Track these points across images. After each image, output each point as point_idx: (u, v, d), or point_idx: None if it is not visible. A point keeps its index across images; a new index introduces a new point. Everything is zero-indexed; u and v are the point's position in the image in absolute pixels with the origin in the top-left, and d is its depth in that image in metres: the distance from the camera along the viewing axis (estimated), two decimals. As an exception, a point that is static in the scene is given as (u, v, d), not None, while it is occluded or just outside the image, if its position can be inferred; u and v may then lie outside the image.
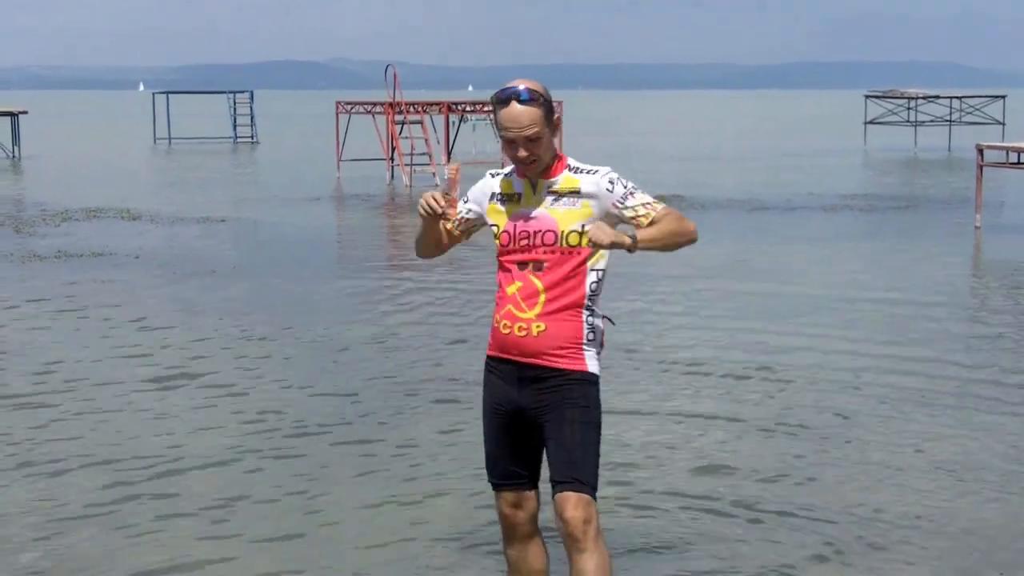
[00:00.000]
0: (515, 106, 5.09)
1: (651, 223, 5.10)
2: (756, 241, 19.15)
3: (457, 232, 5.45)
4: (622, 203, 5.12)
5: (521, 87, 5.11)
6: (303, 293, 14.24)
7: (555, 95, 5.18)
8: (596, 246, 4.93)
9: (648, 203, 5.12)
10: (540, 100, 5.11)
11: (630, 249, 4.98)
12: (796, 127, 72.00)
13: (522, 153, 5.11)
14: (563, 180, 5.20)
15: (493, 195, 5.34)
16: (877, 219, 22.61)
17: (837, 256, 17.51)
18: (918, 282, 15.04)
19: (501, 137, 5.16)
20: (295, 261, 17.03)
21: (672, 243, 5.08)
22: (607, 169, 5.22)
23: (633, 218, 5.13)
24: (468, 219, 5.40)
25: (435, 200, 5.16)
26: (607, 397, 5.76)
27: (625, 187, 5.15)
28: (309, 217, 23.30)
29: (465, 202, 5.39)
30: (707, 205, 24.59)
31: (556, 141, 5.35)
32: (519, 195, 5.27)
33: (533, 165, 5.16)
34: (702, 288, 14.50)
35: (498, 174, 5.40)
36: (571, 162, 5.26)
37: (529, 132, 5.08)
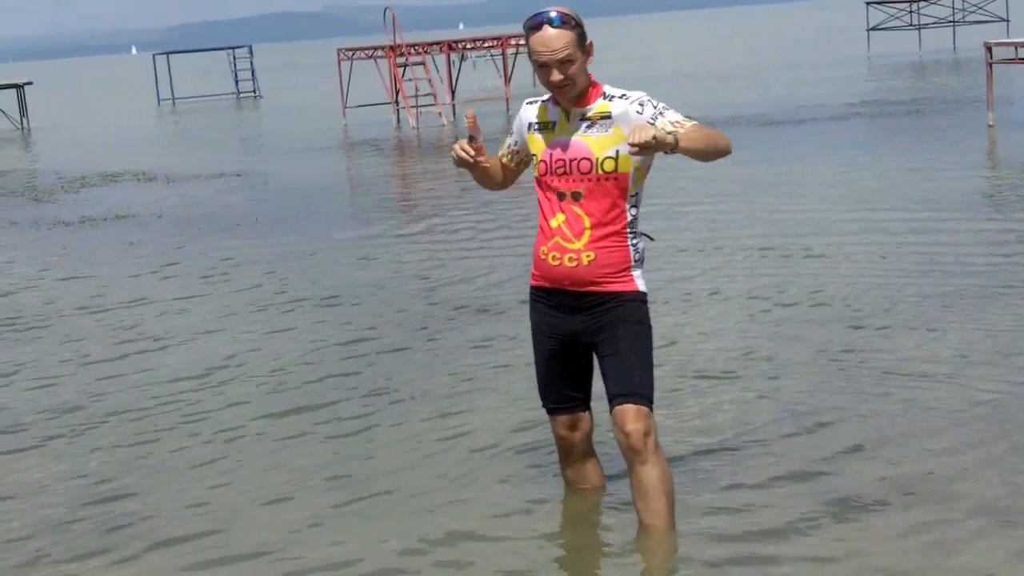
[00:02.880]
0: (547, 30, 5.11)
1: None
2: (771, 156, 19.20)
3: (513, 165, 5.54)
4: (652, 123, 5.09)
5: (553, 12, 5.14)
6: (327, 240, 14.35)
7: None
8: (641, 148, 4.86)
9: (678, 121, 5.12)
10: (572, 23, 5.14)
11: (671, 149, 4.93)
12: (798, 39, 71.54)
13: (556, 77, 5.14)
14: (597, 106, 5.25)
15: (530, 124, 5.41)
16: (888, 124, 22.61)
17: (851, 164, 17.56)
18: (936, 183, 15.10)
19: (534, 62, 5.21)
20: (314, 210, 17.13)
21: (711, 150, 5.06)
22: (640, 93, 5.25)
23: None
24: (518, 151, 5.50)
25: (463, 150, 5.28)
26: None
27: (655, 107, 5.16)
28: (321, 166, 23.39)
29: (511, 135, 5.51)
30: (715, 123, 24.60)
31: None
32: (554, 123, 5.32)
33: (566, 89, 5.19)
34: (721, 207, 14.63)
35: (534, 101, 5.46)
36: (607, 89, 5.30)
37: (561, 55, 5.11)
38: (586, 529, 5.76)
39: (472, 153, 5.29)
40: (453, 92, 34.21)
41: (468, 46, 35.35)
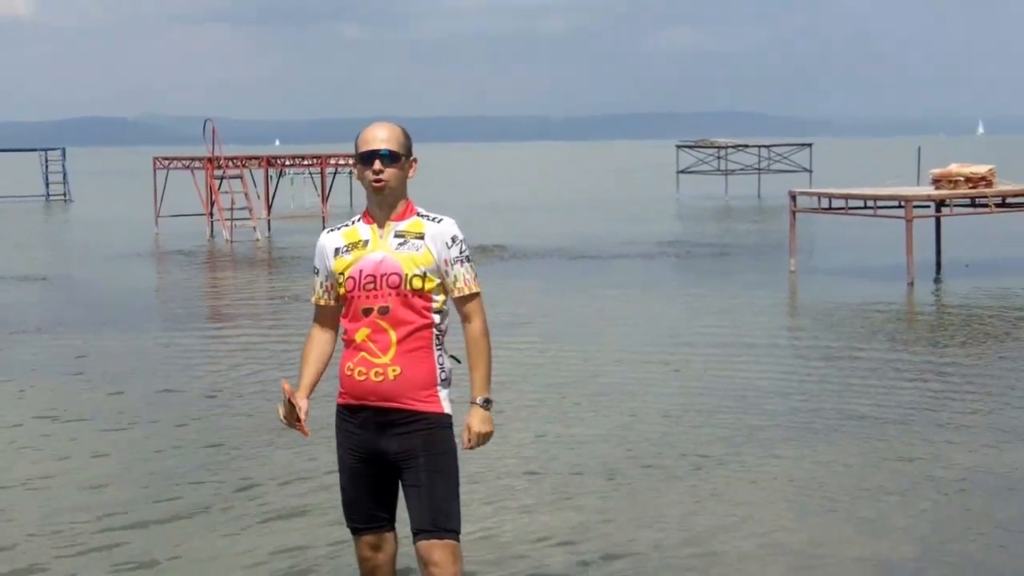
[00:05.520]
0: (378, 127, 5.36)
1: (463, 317, 5.35)
2: (577, 290, 19.55)
3: (333, 302, 5.52)
4: (450, 265, 5.31)
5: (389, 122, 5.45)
6: (130, 350, 14.09)
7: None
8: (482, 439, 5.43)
9: (468, 280, 5.33)
10: (402, 132, 5.40)
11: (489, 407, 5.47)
12: (611, 177, 73.30)
13: (377, 166, 5.27)
14: (410, 224, 5.36)
15: (337, 250, 5.41)
16: (694, 265, 23.27)
17: (657, 302, 17.99)
18: (738, 326, 15.53)
19: (358, 156, 5.33)
20: (119, 318, 16.82)
21: (489, 363, 5.50)
22: (452, 222, 5.36)
23: (451, 283, 5.31)
24: (331, 286, 5.49)
25: (289, 420, 5.46)
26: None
27: (461, 251, 5.32)
28: (129, 273, 23.02)
29: (317, 274, 5.50)
30: (528, 255, 24.98)
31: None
32: (366, 241, 5.39)
33: (382, 187, 5.29)
34: (532, 337, 14.82)
35: (336, 228, 5.51)
36: (420, 210, 5.42)
37: (385, 148, 5.28)
38: (382, 654, 5.69)
39: (299, 418, 5.45)
40: (270, 207, 34.09)
41: (287, 163, 35.38)
